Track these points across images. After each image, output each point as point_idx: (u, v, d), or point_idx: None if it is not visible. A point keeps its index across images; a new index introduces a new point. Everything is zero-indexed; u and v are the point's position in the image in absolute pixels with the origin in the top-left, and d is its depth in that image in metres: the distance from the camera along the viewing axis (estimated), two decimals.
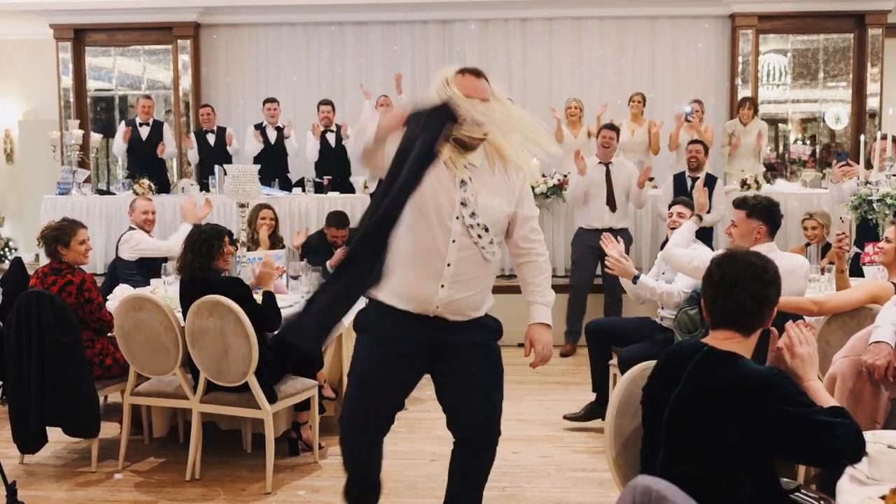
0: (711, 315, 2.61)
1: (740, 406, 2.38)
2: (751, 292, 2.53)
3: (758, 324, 2.57)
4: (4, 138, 11.72)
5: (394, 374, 3.30)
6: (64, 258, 5.09)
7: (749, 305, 2.52)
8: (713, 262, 2.63)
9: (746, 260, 2.58)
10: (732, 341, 2.54)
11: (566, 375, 6.96)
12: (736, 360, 2.48)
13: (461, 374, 3.31)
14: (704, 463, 2.43)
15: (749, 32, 10.62)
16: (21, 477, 4.75)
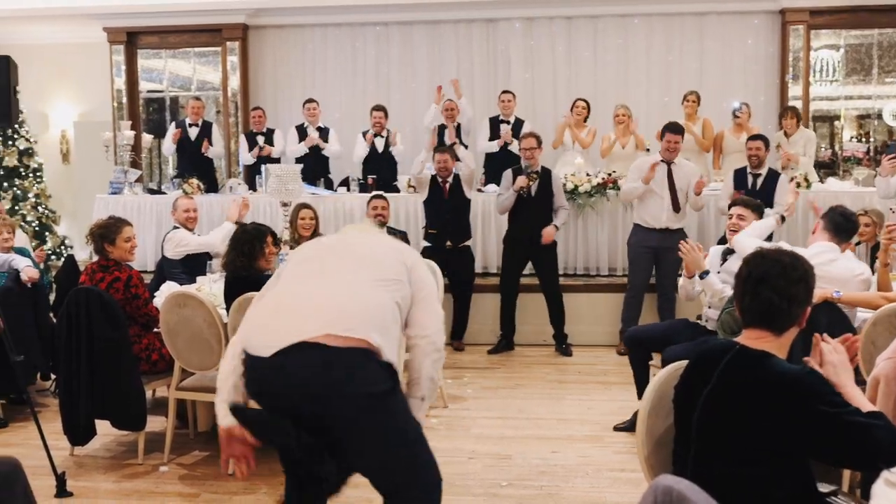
0: (742, 313, 2.60)
1: (771, 405, 2.37)
2: (778, 290, 2.50)
3: (788, 322, 2.54)
4: (60, 139, 11.98)
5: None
6: (111, 255, 5.22)
7: (776, 303, 2.50)
8: (743, 260, 2.62)
9: (775, 258, 2.56)
10: (764, 340, 2.53)
11: (608, 375, 6.94)
12: (767, 359, 2.47)
13: None
14: (736, 462, 2.42)
15: (800, 28, 10.45)
16: (71, 468, 4.89)
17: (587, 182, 8.36)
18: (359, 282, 2.88)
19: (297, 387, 2.71)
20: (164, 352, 5.12)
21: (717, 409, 2.48)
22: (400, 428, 2.79)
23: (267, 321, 2.84)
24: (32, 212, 10.84)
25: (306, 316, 2.77)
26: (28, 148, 10.99)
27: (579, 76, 10.96)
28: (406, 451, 2.79)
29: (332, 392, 2.68)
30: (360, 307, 2.82)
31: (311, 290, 2.86)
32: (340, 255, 3.00)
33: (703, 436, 2.50)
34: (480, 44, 11.14)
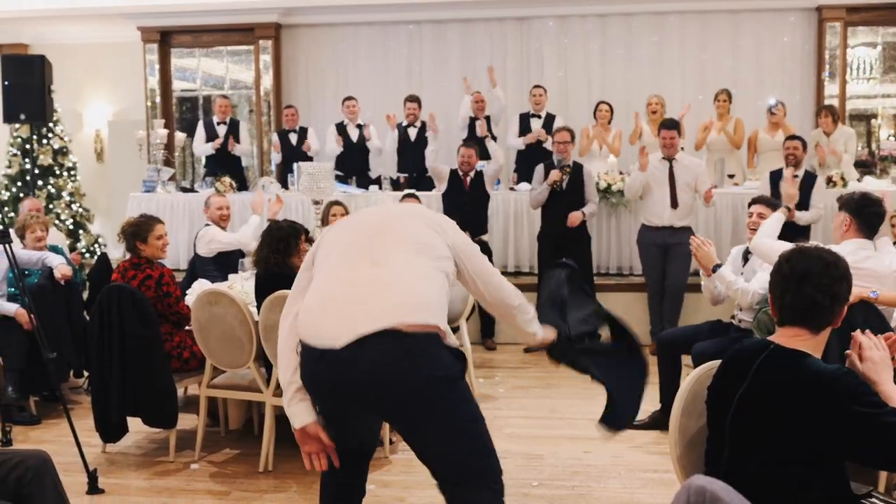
0: (780, 311, 2.54)
1: (807, 405, 2.32)
2: (821, 287, 2.46)
3: (827, 321, 2.50)
4: (95, 138, 12.09)
5: None
6: (143, 253, 5.24)
7: (819, 301, 2.46)
8: (782, 257, 2.56)
9: (816, 255, 2.52)
10: (800, 339, 2.48)
11: None
12: (803, 357, 2.42)
13: None
14: (770, 463, 2.38)
15: (837, 25, 10.30)
16: (102, 465, 4.91)
17: (620, 181, 8.29)
18: (419, 266, 2.84)
19: (373, 375, 2.66)
20: (196, 349, 5.13)
21: (752, 408, 2.43)
22: (470, 414, 2.79)
23: (330, 311, 2.76)
24: (66, 210, 10.95)
25: (375, 303, 2.71)
26: (62, 147, 11.11)
27: (612, 74, 10.88)
28: (475, 436, 2.79)
29: (410, 378, 2.66)
30: (426, 292, 2.80)
31: (370, 277, 2.79)
32: (388, 238, 2.91)
33: (737, 436, 2.45)
34: (513, 42, 11.10)
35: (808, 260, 2.50)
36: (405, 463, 4.96)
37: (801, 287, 2.46)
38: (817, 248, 2.58)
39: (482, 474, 2.79)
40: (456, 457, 2.76)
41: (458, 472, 2.77)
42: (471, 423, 2.77)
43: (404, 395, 2.69)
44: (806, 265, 2.48)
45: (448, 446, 2.75)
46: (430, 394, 2.69)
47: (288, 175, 9.40)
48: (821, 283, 2.46)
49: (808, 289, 2.46)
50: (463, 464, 2.76)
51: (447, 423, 2.72)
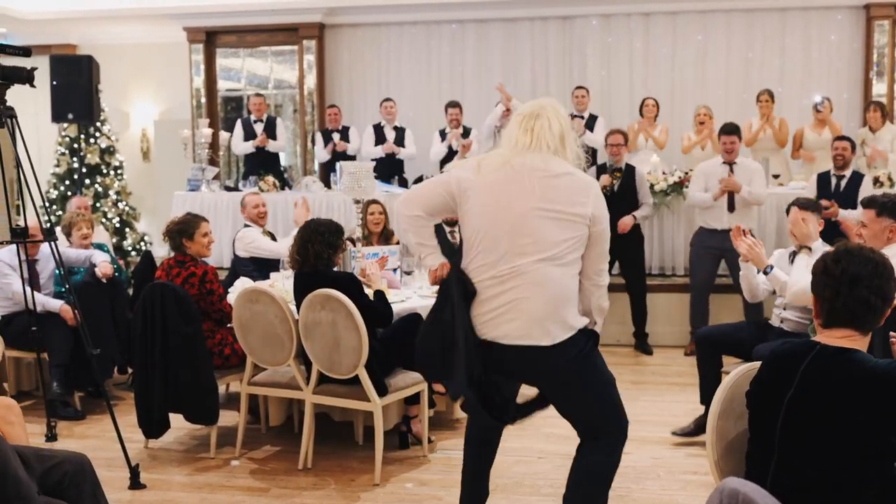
0: (829, 313, 2.49)
1: (862, 401, 2.29)
2: (874, 289, 2.43)
3: (877, 321, 2.48)
4: (141, 137, 12.25)
5: None
6: (188, 251, 5.30)
7: (872, 302, 2.43)
8: (830, 258, 2.51)
9: (866, 255, 2.48)
10: (849, 339, 2.45)
11: (682, 377, 6.80)
12: (853, 354, 2.39)
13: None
14: (824, 466, 2.34)
15: (885, 23, 10.12)
16: (145, 460, 4.97)
17: (663, 181, 8.22)
18: (567, 272, 3.29)
19: (518, 371, 3.38)
20: (237, 347, 5.18)
21: (803, 412, 2.39)
22: (600, 378, 3.42)
23: (492, 312, 3.28)
24: (113, 209, 11.11)
25: (532, 321, 3.23)
26: (109, 146, 11.26)
27: (657, 74, 10.79)
28: (605, 395, 3.43)
29: (548, 369, 3.32)
30: (572, 301, 3.33)
31: (528, 287, 3.23)
32: (530, 234, 3.24)
33: (787, 442, 2.41)
34: (556, 41, 11.03)
35: (858, 261, 2.46)
36: (444, 462, 4.97)
37: (854, 289, 2.43)
38: (861, 248, 2.53)
39: (611, 424, 3.51)
40: (589, 411, 3.50)
41: (590, 423, 3.53)
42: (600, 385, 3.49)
43: (545, 375, 3.44)
44: (857, 267, 2.45)
45: (582, 404, 3.50)
46: (567, 371, 3.39)
47: (331, 174, 9.45)
48: (872, 285, 2.43)
49: (861, 291, 2.43)
50: (594, 416, 3.51)
51: (580, 387, 3.44)
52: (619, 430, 3.46)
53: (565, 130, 3.40)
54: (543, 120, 3.36)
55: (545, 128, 3.35)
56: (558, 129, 3.37)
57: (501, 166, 3.33)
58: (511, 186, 3.27)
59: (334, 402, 4.87)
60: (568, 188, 3.28)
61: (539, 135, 3.34)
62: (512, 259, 3.24)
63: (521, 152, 3.33)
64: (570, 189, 3.29)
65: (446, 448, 5.21)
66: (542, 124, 3.35)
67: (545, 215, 3.24)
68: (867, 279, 2.43)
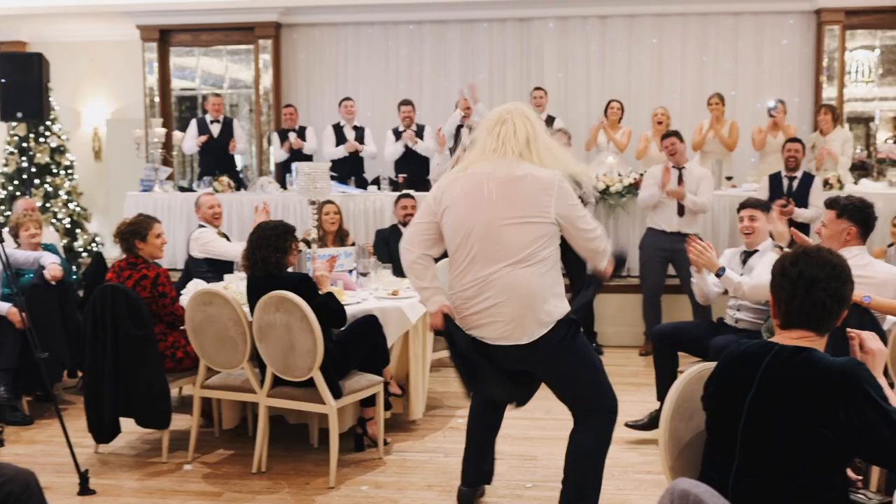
0: (786, 315, 2.51)
1: (822, 397, 2.30)
2: (831, 291, 2.45)
3: (833, 323, 2.49)
4: (93, 137, 12.06)
5: None
6: (140, 252, 5.22)
7: (828, 305, 2.45)
8: (787, 260, 2.53)
9: (824, 258, 2.49)
10: (806, 339, 2.46)
11: (638, 377, 6.86)
12: (810, 353, 2.40)
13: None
14: (786, 470, 2.35)
15: (836, 28, 10.28)
16: (95, 465, 4.89)
17: (618, 182, 8.28)
18: (536, 271, 3.51)
19: (505, 363, 3.64)
20: (190, 350, 5.11)
21: (764, 415, 2.40)
22: (585, 361, 3.69)
23: (472, 315, 3.60)
24: (64, 209, 10.92)
25: (508, 322, 3.53)
26: (60, 145, 11.07)
27: (613, 76, 10.85)
28: (592, 376, 3.72)
29: (534, 361, 3.63)
30: (544, 297, 3.53)
31: (499, 293, 3.52)
32: (497, 242, 3.50)
33: (748, 445, 2.41)
34: (514, 43, 11.05)
35: (815, 263, 2.47)
36: (399, 464, 4.95)
37: (810, 291, 2.45)
38: (819, 250, 2.54)
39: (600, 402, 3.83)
40: (575, 390, 3.84)
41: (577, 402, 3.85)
42: (584, 367, 3.78)
43: (532, 363, 3.75)
44: (814, 269, 2.46)
45: (569, 384, 3.83)
46: (552, 357, 3.69)
47: (287, 175, 9.38)
48: (829, 287, 2.45)
49: (818, 293, 2.44)
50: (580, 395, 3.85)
51: (565, 370, 3.75)
52: (608, 409, 3.76)
53: (531, 134, 3.59)
54: (509, 125, 3.57)
55: (510, 133, 3.56)
56: (524, 134, 3.57)
57: (468, 177, 3.56)
58: (474, 197, 3.51)
59: (289, 404, 4.83)
60: (528, 191, 3.49)
61: (504, 139, 3.56)
62: (484, 267, 3.53)
63: (488, 157, 3.56)
64: (531, 191, 3.49)
65: (402, 450, 5.19)
66: (507, 129, 3.57)
67: (509, 223, 3.49)
68: (823, 282, 2.44)
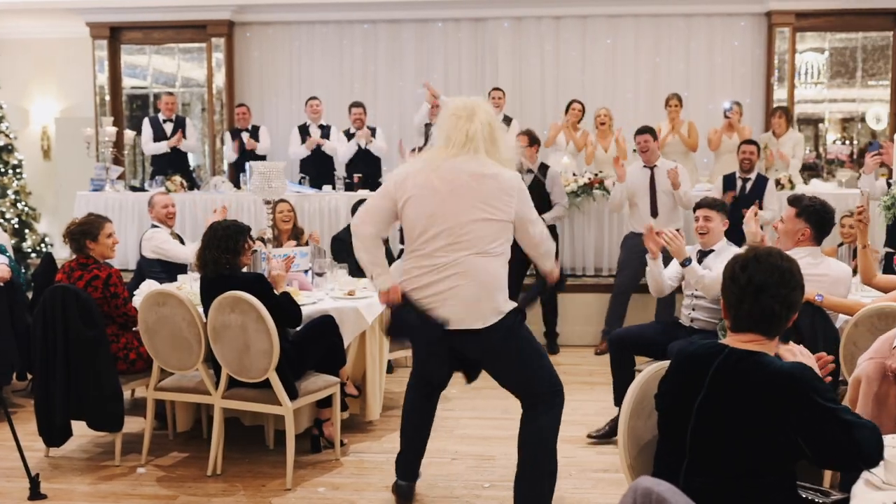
0: (735, 318, 2.52)
1: (770, 400, 2.32)
2: (780, 298, 2.45)
3: (783, 328, 2.50)
4: (41, 135, 11.85)
5: None
6: (91, 252, 5.13)
7: (777, 311, 2.45)
8: (737, 264, 2.52)
9: (773, 263, 2.48)
10: (755, 343, 2.47)
11: (593, 375, 6.90)
12: (760, 356, 2.42)
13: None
14: (733, 468, 2.36)
15: (786, 30, 10.44)
16: (45, 470, 4.80)
17: (573, 182, 8.33)
18: (496, 263, 3.73)
19: (460, 349, 3.82)
20: (143, 351, 5.04)
21: (713, 416, 2.41)
22: (531, 349, 3.88)
23: (429, 297, 3.72)
24: (12, 209, 10.70)
25: (466, 304, 3.68)
26: (8, 144, 10.83)
27: (567, 76, 10.90)
28: (537, 363, 3.88)
29: (483, 348, 3.80)
30: (499, 287, 3.75)
31: (462, 276, 3.67)
32: (466, 233, 3.67)
33: (697, 445, 2.43)
34: (468, 42, 11.07)
35: (764, 270, 2.47)
36: (356, 465, 4.93)
37: (759, 298, 2.45)
38: (770, 254, 2.53)
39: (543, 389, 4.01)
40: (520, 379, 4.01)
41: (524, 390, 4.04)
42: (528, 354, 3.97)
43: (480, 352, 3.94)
44: (763, 276, 2.46)
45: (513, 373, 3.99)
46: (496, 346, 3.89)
47: (240, 174, 9.30)
48: (778, 294, 2.45)
49: (766, 300, 2.45)
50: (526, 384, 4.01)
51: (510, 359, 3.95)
52: (554, 393, 3.92)
53: (496, 130, 3.75)
54: (477, 123, 3.69)
55: (478, 130, 3.68)
56: (489, 131, 3.72)
57: (436, 169, 3.68)
58: (442, 189, 3.65)
59: (244, 406, 4.78)
60: (496, 189, 3.68)
61: (472, 136, 3.68)
62: (449, 253, 3.68)
63: (455, 153, 3.68)
64: (498, 190, 3.68)
65: (359, 451, 5.17)
66: (475, 127, 3.68)
67: (476, 217, 3.66)
68: (772, 288, 2.45)
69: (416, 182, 3.74)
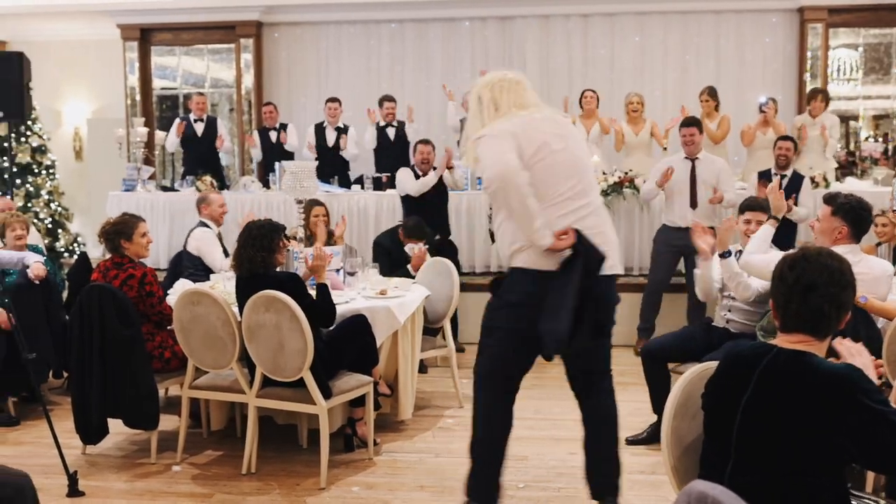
0: (783, 318, 2.48)
1: (818, 403, 2.28)
2: (828, 297, 2.40)
3: (833, 328, 2.45)
4: (74, 136, 11.98)
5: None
6: (126, 252, 5.17)
7: (827, 311, 2.41)
8: (785, 264, 2.48)
9: (822, 262, 2.44)
10: (805, 344, 2.43)
11: (625, 376, 6.81)
12: (809, 357, 2.38)
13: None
14: (779, 469, 2.33)
15: (818, 26, 10.35)
16: (83, 467, 4.84)
17: (603, 181, 8.28)
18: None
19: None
20: (177, 350, 5.07)
21: (759, 416, 2.38)
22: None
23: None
24: (45, 209, 10.82)
25: (612, 247, 3.64)
26: (41, 145, 10.97)
27: (594, 74, 10.85)
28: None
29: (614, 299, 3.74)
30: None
31: (602, 220, 3.65)
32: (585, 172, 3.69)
33: (743, 446, 2.40)
34: (496, 41, 11.06)
35: (813, 269, 2.42)
36: (390, 465, 4.93)
37: (807, 297, 2.41)
38: (820, 253, 2.49)
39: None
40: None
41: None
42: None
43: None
44: (812, 275, 2.41)
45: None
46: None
47: (269, 174, 9.34)
48: (828, 293, 2.40)
49: (815, 299, 2.40)
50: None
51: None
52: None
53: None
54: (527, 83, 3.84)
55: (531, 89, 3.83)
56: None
57: (543, 119, 3.68)
58: (559, 132, 3.65)
59: (279, 405, 4.79)
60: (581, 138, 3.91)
61: (533, 93, 3.83)
62: (584, 196, 3.61)
63: (537, 107, 3.74)
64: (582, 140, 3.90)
65: (392, 450, 5.17)
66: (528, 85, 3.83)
67: (585, 157, 3.76)
68: (821, 287, 2.40)
69: (540, 131, 3.61)
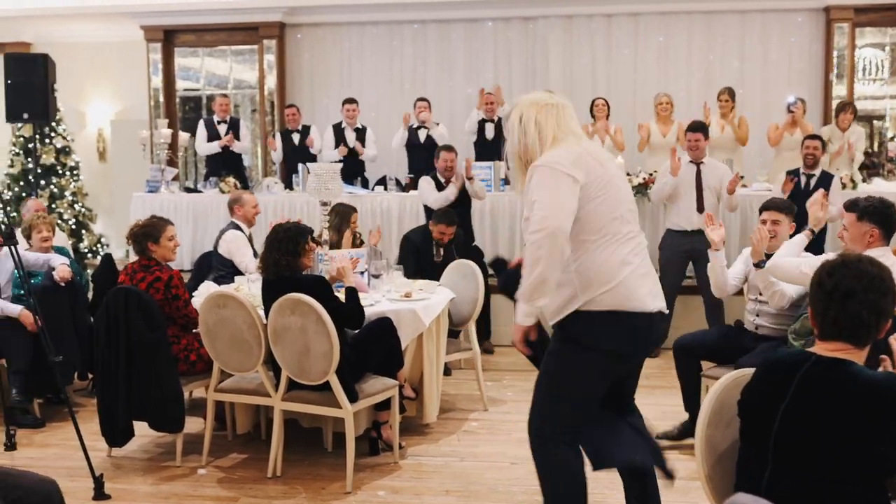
0: (821, 326, 2.44)
1: (859, 411, 2.24)
2: (867, 304, 2.36)
3: (873, 336, 2.41)
4: (97, 138, 12.03)
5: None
6: (153, 254, 5.18)
7: (865, 318, 2.37)
8: (824, 270, 2.44)
9: (861, 268, 2.40)
10: (844, 352, 2.39)
11: (650, 379, 6.78)
12: (849, 366, 2.34)
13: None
14: (818, 478, 2.29)
15: (845, 26, 10.24)
16: (108, 470, 4.84)
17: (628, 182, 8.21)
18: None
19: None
20: (203, 352, 5.06)
21: (798, 424, 2.34)
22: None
23: (643, 281, 3.39)
24: (69, 210, 10.88)
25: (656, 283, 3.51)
26: (65, 146, 11.04)
27: (618, 74, 10.81)
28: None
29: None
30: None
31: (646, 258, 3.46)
32: (633, 208, 3.48)
33: (780, 454, 2.36)
34: (519, 42, 11.02)
35: (852, 275, 2.39)
36: (415, 468, 4.90)
37: (846, 304, 2.37)
38: (860, 259, 2.45)
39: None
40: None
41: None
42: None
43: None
44: (850, 282, 2.37)
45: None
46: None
47: (292, 176, 9.34)
48: (866, 300, 2.36)
49: (854, 306, 2.36)
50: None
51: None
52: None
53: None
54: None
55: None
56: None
57: (589, 153, 3.45)
58: (608, 168, 3.43)
59: (304, 408, 4.78)
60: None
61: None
62: (637, 233, 3.46)
63: (582, 137, 3.56)
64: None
65: (417, 454, 5.14)
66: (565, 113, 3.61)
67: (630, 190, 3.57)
68: (860, 294, 2.36)
69: (597, 165, 3.37)
